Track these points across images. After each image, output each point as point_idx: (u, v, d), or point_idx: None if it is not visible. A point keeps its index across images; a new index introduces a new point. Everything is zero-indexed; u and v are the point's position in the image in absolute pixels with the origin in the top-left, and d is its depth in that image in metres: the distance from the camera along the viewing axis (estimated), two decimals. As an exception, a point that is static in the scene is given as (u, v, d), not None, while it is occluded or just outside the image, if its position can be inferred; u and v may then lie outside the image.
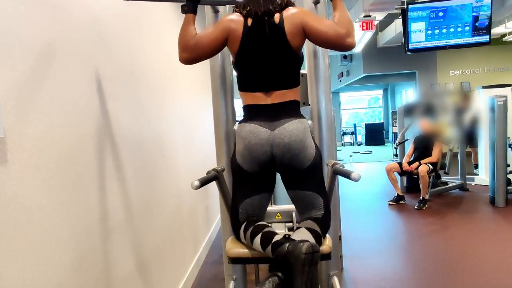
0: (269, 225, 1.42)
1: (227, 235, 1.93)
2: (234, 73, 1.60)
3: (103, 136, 1.58)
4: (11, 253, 1.01)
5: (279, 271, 1.22)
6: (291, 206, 1.76)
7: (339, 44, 1.39)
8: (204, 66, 3.78)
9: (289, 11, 1.43)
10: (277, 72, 1.42)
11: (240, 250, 1.44)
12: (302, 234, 1.32)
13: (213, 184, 1.66)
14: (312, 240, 1.30)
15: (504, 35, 8.13)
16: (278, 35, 1.40)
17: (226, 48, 1.52)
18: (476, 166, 6.17)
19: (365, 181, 6.52)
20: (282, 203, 2.09)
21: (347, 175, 1.35)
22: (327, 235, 1.46)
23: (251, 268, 2.41)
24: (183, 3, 1.47)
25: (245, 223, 1.43)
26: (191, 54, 1.45)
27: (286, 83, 1.43)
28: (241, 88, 1.48)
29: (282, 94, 1.42)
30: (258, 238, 1.33)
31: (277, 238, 1.29)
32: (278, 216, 1.90)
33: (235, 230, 1.47)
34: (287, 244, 1.20)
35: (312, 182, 1.42)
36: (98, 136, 1.52)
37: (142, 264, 1.93)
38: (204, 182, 1.46)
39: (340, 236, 2.93)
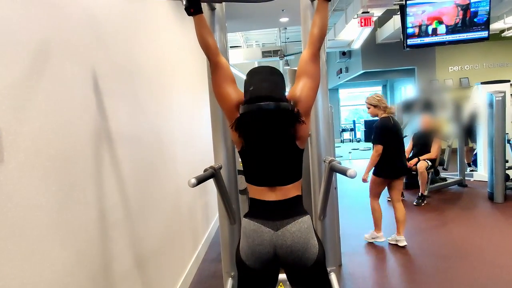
0: None
1: (225, 232, 1.94)
2: (233, 70, 1.59)
3: (100, 134, 1.58)
4: (8, 251, 1.01)
5: None
6: None
7: (319, 42, 1.43)
8: (201, 64, 3.78)
9: (294, 100, 1.40)
10: (282, 169, 1.41)
11: None
12: None
13: (212, 182, 1.66)
14: None
15: (503, 31, 8.11)
16: (283, 133, 1.38)
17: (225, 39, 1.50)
18: (469, 165, 6.15)
19: (364, 178, 6.52)
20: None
21: (343, 172, 1.36)
22: None
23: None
24: (186, 6, 1.44)
25: None
26: (211, 56, 1.44)
27: (291, 179, 1.42)
28: (247, 179, 1.48)
29: (286, 190, 1.41)
30: None
31: None
32: (281, 286, 1.91)
33: None
34: None
35: (316, 279, 1.43)
36: (95, 134, 1.52)
37: (140, 262, 1.94)
38: (201, 180, 1.46)
39: (339, 236, 2.94)
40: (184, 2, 1.43)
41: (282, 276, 1.89)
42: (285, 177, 1.41)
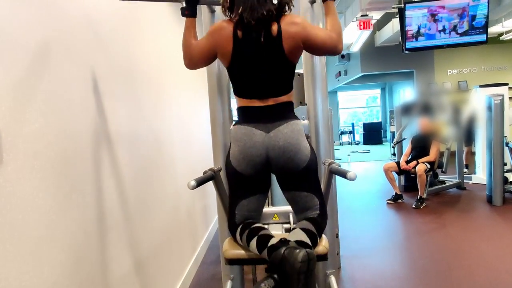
0: (265, 227, 1.42)
1: (224, 234, 1.93)
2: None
3: (100, 135, 1.57)
4: (7, 253, 1.00)
5: (276, 273, 1.22)
6: (288, 207, 1.76)
7: (333, 51, 1.43)
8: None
9: (288, 23, 1.37)
10: (272, 82, 1.41)
11: (237, 252, 1.44)
12: (297, 235, 1.33)
13: (211, 183, 1.66)
14: (307, 240, 1.30)
15: (501, 34, 8.15)
16: (275, 49, 1.37)
17: None
18: (467, 166, 6.15)
19: (363, 180, 6.53)
20: (279, 204, 2.09)
21: (343, 174, 1.36)
22: (323, 235, 1.47)
23: (249, 268, 2.41)
24: (182, 7, 1.46)
25: (241, 226, 1.43)
26: (189, 62, 1.49)
27: (281, 91, 1.43)
28: (236, 93, 1.48)
29: (277, 98, 1.42)
30: (254, 241, 1.34)
31: (272, 241, 1.29)
32: (275, 217, 1.90)
33: (232, 232, 1.47)
34: (282, 249, 1.20)
35: (308, 183, 1.42)
36: (94, 136, 1.52)
37: (139, 264, 1.93)
38: (200, 182, 1.46)
39: (337, 234, 2.94)
40: (184, 4, 1.45)
41: (277, 208, 1.89)
42: (276, 89, 1.42)
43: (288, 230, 1.84)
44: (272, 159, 1.38)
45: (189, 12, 1.44)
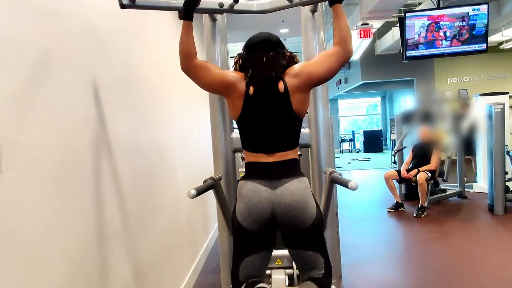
0: (268, 286, 1.42)
1: (224, 243, 1.92)
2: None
3: (100, 144, 1.57)
4: (5, 263, 0.99)
5: None
6: None
7: (345, 60, 1.42)
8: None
9: (291, 76, 1.41)
10: (280, 137, 1.43)
11: None
12: None
13: (211, 192, 1.65)
14: None
15: (501, 43, 8.18)
16: (283, 105, 1.41)
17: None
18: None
19: (364, 189, 6.51)
20: (282, 248, 2.09)
21: (344, 184, 1.35)
22: None
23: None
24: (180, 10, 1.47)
25: (244, 285, 1.43)
26: (188, 72, 1.45)
27: (288, 146, 1.44)
28: (244, 146, 1.50)
29: (284, 154, 1.43)
30: None
31: None
32: (278, 262, 1.88)
33: (234, 287, 1.47)
34: None
35: (313, 241, 1.42)
36: (94, 144, 1.52)
37: (138, 273, 1.91)
38: (201, 191, 1.45)
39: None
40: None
41: (280, 252, 1.86)
42: (282, 144, 1.43)
43: (291, 276, 1.82)
44: (278, 216, 1.37)
45: (186, 15, 1.41)
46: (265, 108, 1.41)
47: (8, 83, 1.05)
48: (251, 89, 1.41)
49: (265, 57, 1.40)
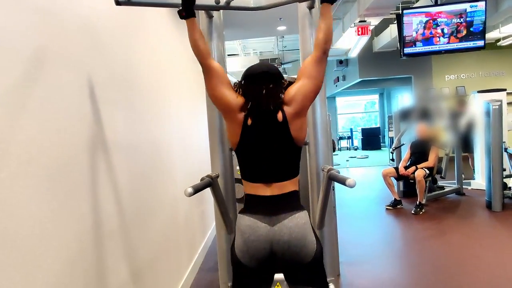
0: None
1: (222, 241, 1.91)
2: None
3: (96, 142, 1.56)
4: (0, 262, 0.98)
5: None
6: None
7: (323, 55, 1.41)
8: (199, 72, 3.77)
9: (287, 102, 1.39)
10: (279, 165, 1.41)
11: None
12: None
13: (209, 190, 1.64)
14: None
15: (498, 40, 8.18)
16: (282, 134, 1.39)
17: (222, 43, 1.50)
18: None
19: (362, 186, 6.51)
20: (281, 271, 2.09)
21: (342, 181, 1.34)
22: None
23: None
24: (179, 9, 1.45)
25: None
26: (205, 73, 1.47)
27: (288, 175, 1.42)
28: (242, 176, 1.48)
29: (283, 185, 1.40)
30: None
31: None
32: (277, 286, 1.88)
33: None
34: None
35: (313, 277, 1.40)
36: (91, 142, 1.51)
37: (136, 272, 1.91)
38: (198, 189, 1.44)
39: (337, 246, 2.92)
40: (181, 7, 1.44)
41: (279, 276, 1.86)
42: (281, 173, 1.41)
43: None
44: (277, 253, 1.36)
45: (187, 13, 1.41)
46: (263, 138, 1.39)
47: (3, 81, 1.04)
48: (249, 120, 1.39)
49: (264, 89, 1.38)
